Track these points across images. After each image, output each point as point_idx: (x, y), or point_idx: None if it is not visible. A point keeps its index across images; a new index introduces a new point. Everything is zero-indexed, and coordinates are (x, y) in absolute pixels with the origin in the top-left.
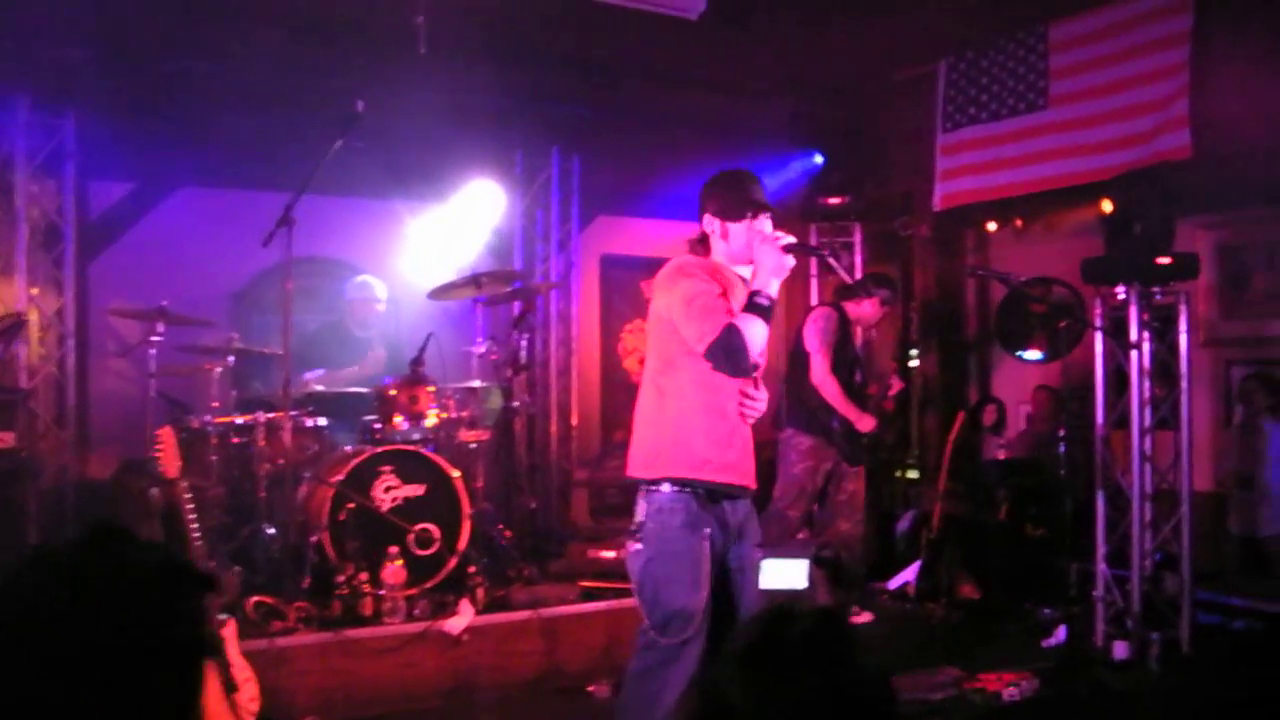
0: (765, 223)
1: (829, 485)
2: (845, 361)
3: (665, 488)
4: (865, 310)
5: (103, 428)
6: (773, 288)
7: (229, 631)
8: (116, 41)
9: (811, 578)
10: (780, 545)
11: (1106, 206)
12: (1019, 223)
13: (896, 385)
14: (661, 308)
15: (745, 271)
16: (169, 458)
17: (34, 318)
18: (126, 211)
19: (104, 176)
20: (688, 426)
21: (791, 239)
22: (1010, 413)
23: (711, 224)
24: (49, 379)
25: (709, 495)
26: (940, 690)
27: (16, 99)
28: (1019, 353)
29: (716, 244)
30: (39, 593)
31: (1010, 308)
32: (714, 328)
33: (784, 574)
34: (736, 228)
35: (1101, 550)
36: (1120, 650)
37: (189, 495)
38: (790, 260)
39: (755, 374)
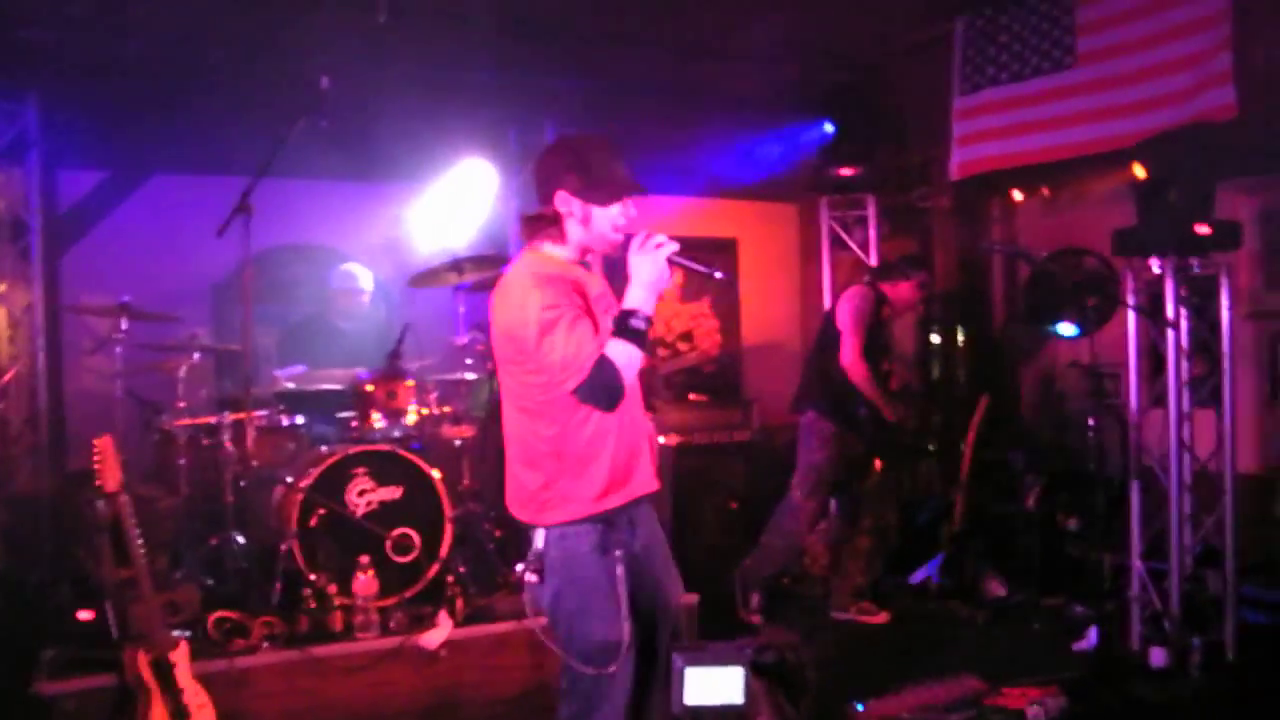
0: (632, 208)
1: (853, 478)
2: (876, 346)
3: (567, 525)
4: (902, 293)
5: (79, 429)
6: (649, 305)
7: (179, 653)
8: (76, 21)
9: (749, 690)
10: (706, 651)
11: (1139, 172)
12: (1046, 191)
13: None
14: (506, 336)
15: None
16: (108, 469)
17: (2, 315)
18: (99, 201)
19: (73, 165)
20: (575, 462)
21: (675, 245)
22: (1041, 392)
23: (568, 204)
24: (19, 380)
25: (611, 521)
26: (957, 710)
27: None
28: (1049, 327)
29: (572, 228)
30: None
31: (1039, 280)
32: (583, 364)
33: (713, 686)
34: (602, 213)
35: (1137, 547)
36: (1157, 657)
37: (132, 508)
38: (667, 273)
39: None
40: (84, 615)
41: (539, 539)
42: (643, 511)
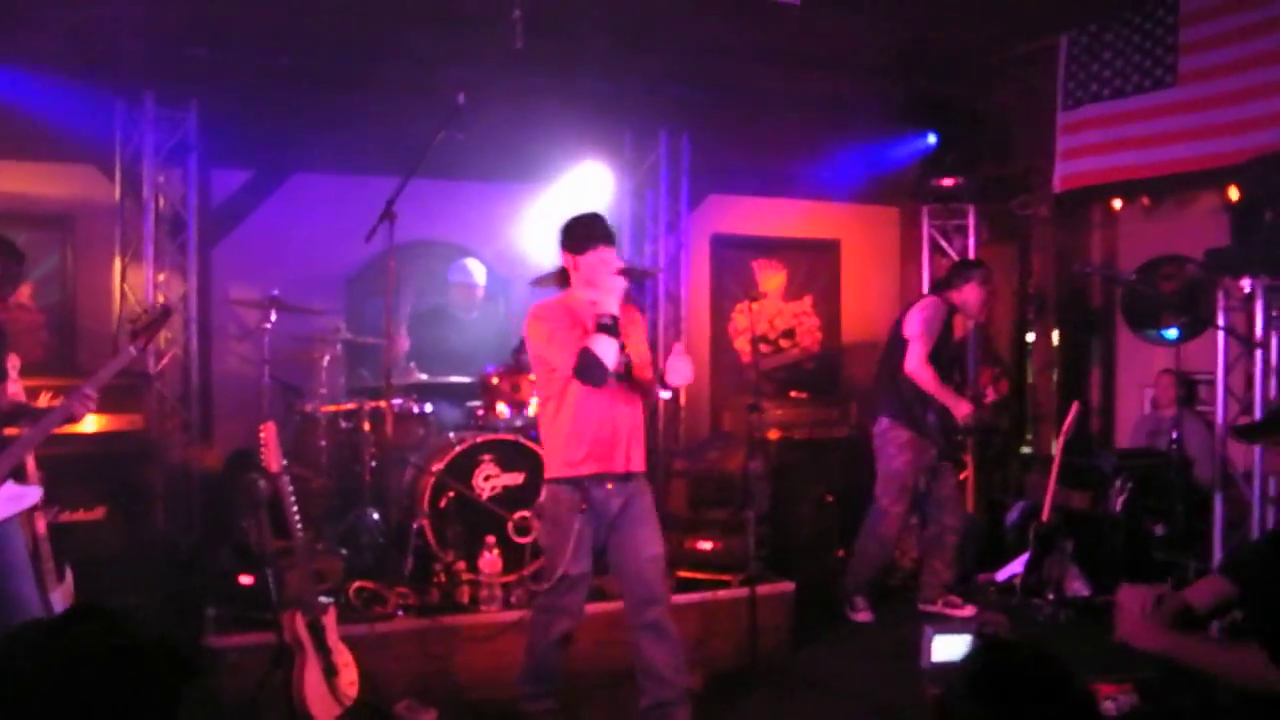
0: (605, 253)
1: (931, 481)
2: (945, 356)
3: (554, 482)
4: (968, 295)
5: (224, 408)
6: (611, 305)
7: (329, 617)
8: (233, 39)
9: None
10: (946, 623)
11: (1233, 194)
12: (1145, 201)
13: (992, 393)
14: (530, 347)
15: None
16: (271, 452)
17: (161, 303)
18: (245, 198)
19: (224, 165)
20: (560, 435)
21: (622, 264)
22: (1135, 396)
23: (567, 259)
24: (174, 362)
25: (580, 485)
26: None
27: (144, 94)
28: (1147, 331)
29: (574, 274)
30: (17, 671)
31: (1140, 282)
32: (572, 354)
33: (951, 648)
34: (584, 259)
35: (1219, 555)
36: None
37: (291, 487)
38: (621, 281)
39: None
40: (245, 580)
41: (542, 493)
42: (629, 485)
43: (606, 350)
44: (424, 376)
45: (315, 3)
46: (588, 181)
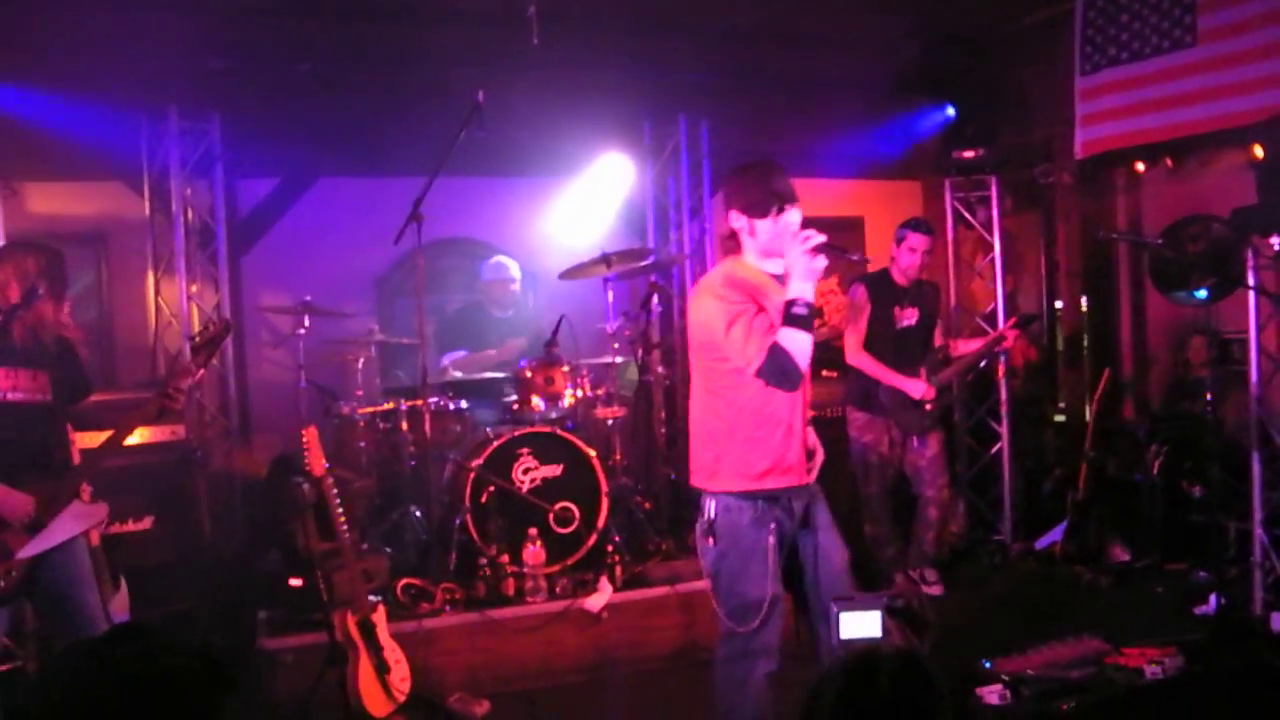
0: (793, 214)
1: (905, 455)
2: (889, 332)
3: (729, 495)
4: (902, 260)
5: (262, 415)
6: (807, 292)
7: (379, 615)
8: (252, 48)
9: (885, 626)
10: (852, 600)
11: (1258, 152)
12: (1169, 162)
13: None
14: (700, 327)
15: (776, 266)
16: (314, 456)
17: (195, 314)
18: (272, 206)
19: (250, 174)
20: (736, 440)
21: (821, 238)
22: (1167, 358)
23: (739, 220)
24: (212, 371)
25: (769, 498)
26: (1078, 669)
27: (167, 109)
28: (1176, 293)
29: (745, 240)
30: (67, 690)
31: (1166, 246)
32: (759, 351)
33: (859, 624)
34: (763, 224)
35: (1258, 514)
36: (1278, 622)
37: (335, 490)
38: (821, 261)
39: None
40: (295, 582)
41: (710, 507)
42: (810, 488)
43: (801, 349)
44: (458, 374)
45: (330, 9)
46: (610, 172)
